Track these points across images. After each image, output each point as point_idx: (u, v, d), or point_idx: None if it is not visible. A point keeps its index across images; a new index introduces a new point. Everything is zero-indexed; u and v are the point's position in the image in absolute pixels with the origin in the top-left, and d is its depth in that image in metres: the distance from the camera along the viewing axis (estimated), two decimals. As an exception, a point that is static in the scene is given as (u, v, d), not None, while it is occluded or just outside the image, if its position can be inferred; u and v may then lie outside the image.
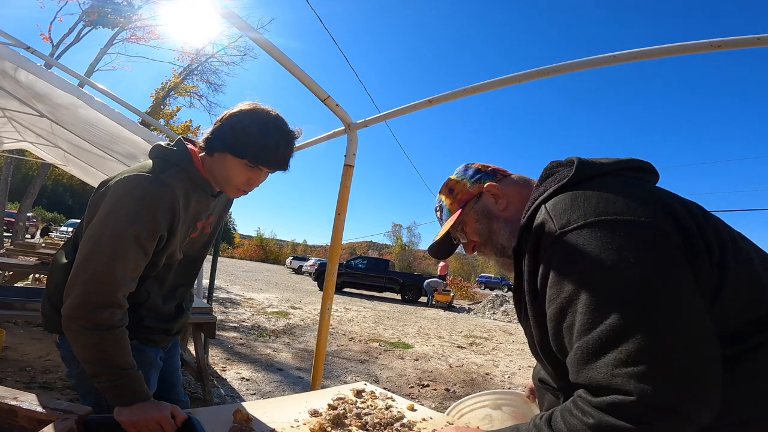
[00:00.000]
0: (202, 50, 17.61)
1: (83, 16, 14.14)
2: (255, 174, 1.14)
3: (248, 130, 1.08)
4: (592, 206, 0.71)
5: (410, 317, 10.74)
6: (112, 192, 1.02)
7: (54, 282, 1.14)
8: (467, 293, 19.87)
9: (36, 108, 3.99)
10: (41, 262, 5.35)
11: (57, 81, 2.75)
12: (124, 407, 0.93)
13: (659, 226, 0.68)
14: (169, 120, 18.08)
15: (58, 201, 45.56)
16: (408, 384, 4.45)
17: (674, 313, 0.61)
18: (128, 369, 0.97)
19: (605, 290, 0.64)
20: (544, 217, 0.75)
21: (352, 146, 2.05)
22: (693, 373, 0.58)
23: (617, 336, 0.61)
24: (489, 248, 0.98)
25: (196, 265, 1.35)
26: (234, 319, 6.86)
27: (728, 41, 1.23)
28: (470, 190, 0.99)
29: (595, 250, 0.66)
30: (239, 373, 4.02)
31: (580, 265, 0.67)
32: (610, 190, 0.73)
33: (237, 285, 12.74)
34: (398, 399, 1.33)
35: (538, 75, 1.48)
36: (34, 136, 5.83)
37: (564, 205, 0.74)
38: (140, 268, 1.05)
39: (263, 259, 38.49)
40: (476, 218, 0.97)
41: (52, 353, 3.51)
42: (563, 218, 0.72)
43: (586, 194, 0.73)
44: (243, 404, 1.06)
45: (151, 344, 1.21)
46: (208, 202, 1.22)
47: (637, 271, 0.63)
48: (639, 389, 0.58)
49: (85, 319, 0.94)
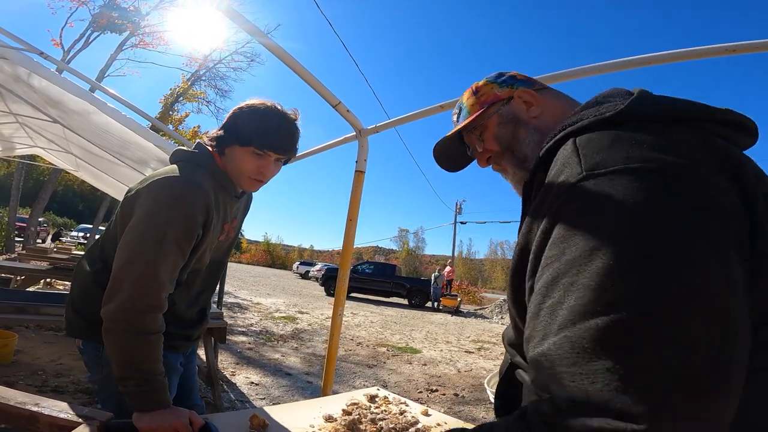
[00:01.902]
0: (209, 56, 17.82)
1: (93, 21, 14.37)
2: (264, 161, 1.14)
3: (250, 118, 1.12)
4: (640, 151, 0.50)
5: (417, 322, 10.69)
6: (147, 195, 1.03)
7: (78, 288, 1.15)
8: (474, 298, 19.76)
9: (49, 114, 4.05)
10: (53, 266, 5.40)
11: (70, 86, 2.78)
12: (144, 413, 0.93)
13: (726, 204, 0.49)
14: (178, 126, 18.28)
15: (69, 206, 46.11)
16: (416, 389, 4.41)
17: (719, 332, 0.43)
18: (157, 375, 0.97)
19: (626, 264, 0.44)
20: (569, 153, 0.56)
21: (363, 152, 2.04)
22: (717, 412, 0.41)
23: (633, 336, 0.42)
24: (507, 159, 0.81)
25: (220, 270, 1.36)
26: (242, 323, 6.87)
27: (746, 45, 1.22)
28: (498, 93, 0.82)
29: (627, 208, 0.47)
30: (248, 378, 4.02)
31: (604, 223, 0.48)
32: (671, 144, 0.51)
33: (245, 290, 12.77)
34: (412, 404, 1.32)
35: (548, 81, 1.48)
36: (45, 141, 5.91)
37: (600, 143, 0.54)
38: (178, 269, 1.06)
39: (270, 264, 38.61)
40: (499, 122, 0.81)
41: (64, 357, 3.53)
42: (595, 158, 0.52)
43: (635, 136, 0.53)
44: (259, 410, 1.06)
45: (172, 350, 1.21)
46: (232, 202, 1.23)
47: (682, 252, 0.44)
48: (652, 418, 0.39)
49: (129, 322, 0.95)
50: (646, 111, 0.57)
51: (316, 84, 1.67)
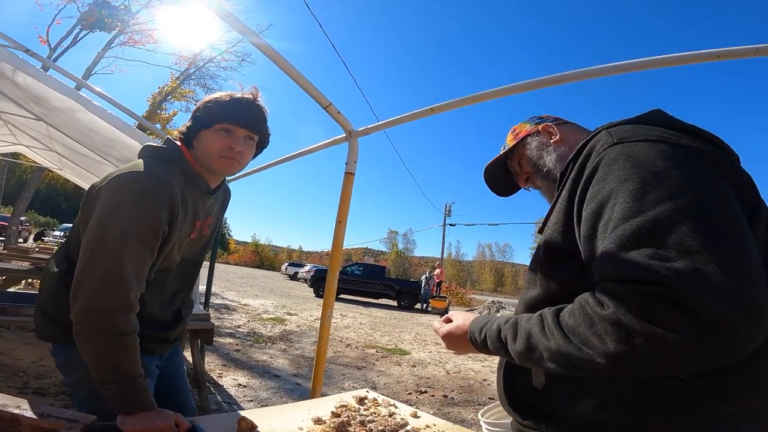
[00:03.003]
0: (200, 54, 17.62)
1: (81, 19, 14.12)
2: (233, 138, 1.13)
3: (211, 101, 1.14)
4: (656, 132, 0.68)
5: (407, 324, 10.70)
6: (107, 191, 0.99)
7: (46, 290, 1.11)
8: (463, 299, 19.86)
9: (33, 111, 3.97)
10: (35, 266, 5.28)
11: (55, 84, 2.73)
12: (128, 416, 0.91)
13: (722, 162, 0.65)
14: (166, 125, 18.01)
15: (52, 205, 45.17)
16: (406, 390, 4.42)
17: (733, 222, 0.55)
18: (137, 377, 0.94)
19: (654, 182, 0.58)
20: (603, 134, 0.72)
21: (353, 154, 2.02)
22: (746, 285, 0.49)
23: (661, 226, 0.54)
24: (537, 175, 1.03)
25: (195, 269, 1.33)
26: (229, 325, 6.80)
27: (732, 51, 1.24)
28: (529, 129, 1.07)
29: (652, 155, 0.62)
30: (236, 380, 3.98)
31: (630, 164, 0.62)
32: (680, 135, 0.68)
33: (232, 291, 12.65)
34: (401, 406, 1.32)
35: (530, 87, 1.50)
36: (29, 139, 5.79)
37: (627, 127, 0.71)
38: (147, 267, 1.02)
39: (258, 265, 38.28)
40: (530, 148, 1.04)
41: (45, 358, 3.45)
42: (623, 133, 0.69)
43: (654, 127, 0.70)
44: (247, 413, 1.05)
45: (147, 352, 1.16)
46: (204, 199, 1.20)
47: (695, 177, 0.59)
48: (678, 281, 0.49)
49: (98, 323, 0.92)
50: (660, 118, 0.75)
51: (307, 85, 1.66)
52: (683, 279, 0.50)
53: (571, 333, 0.59)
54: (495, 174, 1.16)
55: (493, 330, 0.76)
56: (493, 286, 55.60)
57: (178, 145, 1.15)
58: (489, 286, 55.55)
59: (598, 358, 0.55)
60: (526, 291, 0.82)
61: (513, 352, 0.69)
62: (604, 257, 0.58)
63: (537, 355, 0.64)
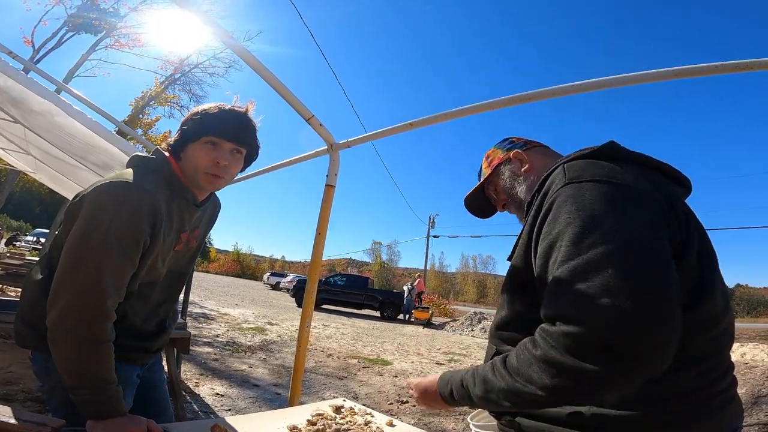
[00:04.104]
0: (186, 59, 17.48)
1: (68, 21, 13.89)
2: (219, 151, 1.12)
3: (200, 116, 1.13)
4: (604, 171, 0.75)
5: (389, 334, 10.66)
6: (91, 200, 0.99)
7: (28, 298, 1.10)
8: (446, 310, 19.89)
9: (10, 113, 3.87)
10: (5, 272, 5.12)
11: (35, 86, 2.68)
12: (98, 422, 0.90)
13: (659, 200, 0.73)
14: (148, 130, 17.73)
15: (26, 209, 43.69)
16: (387, 400, 4.40)
17: (652, 264, 0.62)
18: (110, 384, 0.94)
19: (592, 227, 0.66)
20: (559, 171, 0.80)
21: (334, 166, 2.02)
22: (654, 320, 0.58)
23: (591, 269, 0.62)
24: (512, 203, 1.10)
25: (182, 281, 1.32)
26: (208, 334, 6.67)
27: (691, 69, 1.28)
28: (501, 156, 1.12)
29: (594, 198, 0.70)
30: (213, 389, 3.90)
31: (577, 206, 0.70)
32: (626, 170, 0.77)
33: (212, 300, 12.41)
34: (377, 415, 1.33)
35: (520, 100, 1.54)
36: (5, 141, 5.63)
37: (579, 165, 0.78)
38: (127, 277, 1.02)
39: (240, 275, 37.67)
40: (502, 177, 1.10)
41: (13, 365, 3.34)
42: (575, 173, 0.76)
43: (602, 163, 0.78)
44: (221, 420, 1.04)
45: (127, 362, 1.16)
46: (191, 211, 1.20)
47: (627, 221, 0.66)
48: (592, 321, 0.58)
49: (73, 331, 0.91)
50: (611, 151, 0.84)
51: (290, 96, 1.68)
52: (602, 317, 0.58)
53: (516, 373, 0.68)
54: (475, 200, 1.22)
55: (456, 381, 0.85)
56: (476, 297, 55.80)
57: (167, 156, 1.15)
58: (472, 297, 55.71)
59: (540, 392, 0.64)
60: (498, 312, 0.92)
61: (474, 397, 0.78)
62: (547, 295, 0.68)
63: (494, 396, 0.73)
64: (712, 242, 0.82)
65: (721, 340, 0.76)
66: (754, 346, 6.33)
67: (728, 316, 0.78)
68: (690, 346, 0.70)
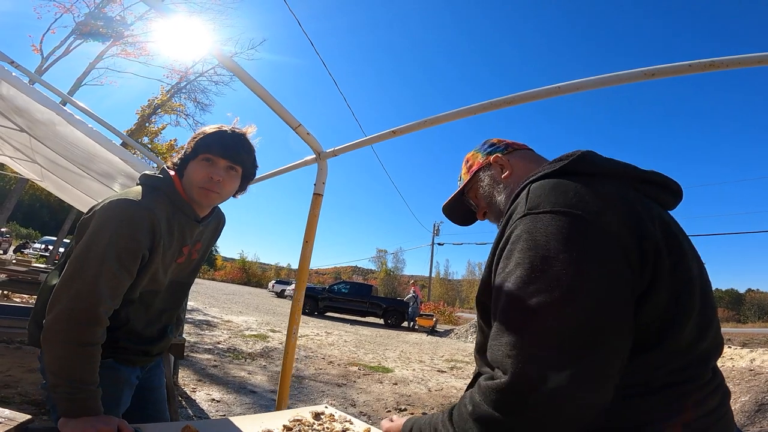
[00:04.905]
0: (191, 68, 17.72)
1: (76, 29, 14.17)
2: (214, 168, 1.20)
3: (199, 134, 1.23)
4: (565, 198, 0.70)
5: (392, 341, 10.63)
6: (98, 215, 1.09)
7: (42, 302, 1.19)
8: (450, 317, 19.78)
9: (15, 122, 3.96)
10: (9, 278, 5.19)
11: (36, 95, 2.75)
12: (70, 419, 0.95)
13: (623, 236, 0.67)
14: (154, 138, 17.97)
15: (35, 217, 44.29)
16: (385, 408, 4.38)
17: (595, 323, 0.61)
18: (88, 384, 0.99)
19: (540, 271, 0.64)
20: (522, 197, 0.76)
21: (322, 175, 2.03)
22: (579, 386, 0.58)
23: (528, 320, 0.62)
24: (491, 213, 1.05)
25: (184, 291, 1.40)
26: (209, 341, 6.70)
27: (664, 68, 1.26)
28: (481, 161, 1.07)
29: (548, 234, 0.66)
30: (210, 395, 3.92)
31: (527, 245, 0.67)
32: (595, 191, 0.71)
33: (216, 307, 12.46)
34: (356, 422, 1.33)
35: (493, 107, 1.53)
36: (12, 149, 5.74)
37: (542, 189, 0.73)
38: (123, 286, 1.10)
39: (245, 282, 37.78)
40: (482, 184, 1.05)
41: (13, 369, 3.40)
42: (535, 201, 0.72)
43: (567, 185, 0.72)
44: (194, 423, 1.06)
45: (127, 364, 1.25)
46: (192, 226, 1.27)
47: (575, 267, 0.62)
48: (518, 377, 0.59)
49: (64, 333, 0.99)
50: (583, 166, 0.78)
51: (276, 106, 1.71)
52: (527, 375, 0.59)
53: (459, 427, 0.69)
54: (455, 206, 1.17)
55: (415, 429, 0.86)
56: (482, 305, 55.34)
57: (171, 175, 1.24)
58: (478, 304, 55.29)
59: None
60: (476, 335, 0.92)
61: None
62: (490, 338, 0.68)
63: None
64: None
65: (698, 365, 0.71)
66: (764, 352, 6.24)
67: (706, 339, 0.72)
68: (657, 379, 0.68)
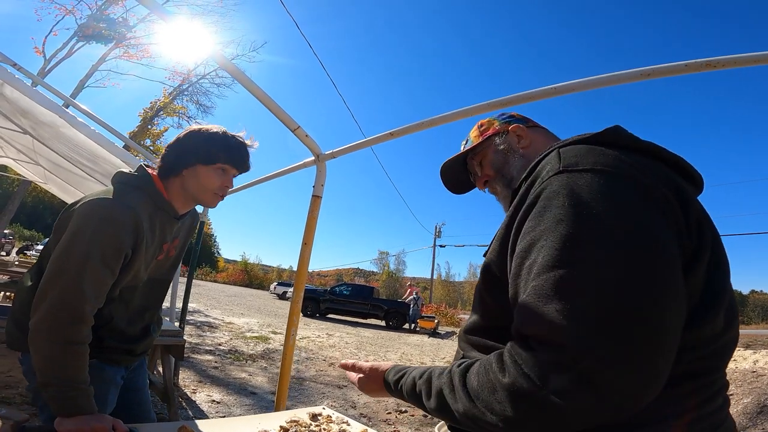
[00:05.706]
0: (194, 70, 17.80)
1: (78, 31, 14.24)
2: (227, 177, 1.26)
3: (212, 139, 1.22)
4: (608, 159, 0.63)
5: (393, 343, 10.62)
6: (77, 214, 1.09)
7: (19, 302, 1.19)
8: (452, 319, 19.75)
9: (19, 124, 3.99)
10: (11, 279, 5.23)
11: (39, 97, 2.78)
12: (66, 418, 0.96)
13: (671, 201, 0.61)
14: (156, 140, 18.04)
15: (38, 219, 44.42)
16: (385, 410, 4.37)
17: (658, 285, 0.52)
18: (79, 383, 1.00)
19: (587, 229, 0.55)
20: (552, 156, 0.68)
21: (321, 177, 2.03)
22: (647, 357, 0.50)
23: (580, 283, 0.53)
24: (498, 180, 0.96)
25: (163, 287, 1.40)
26: (210, 342, 6.71)
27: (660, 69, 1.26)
28: (497, 127, 0.99)
29: (593, 192, 0.58)
30: (210, 396, 3.93)
31: (570, 200, 0.58)
32: (633, 161, 0.64)
33: (217, 309, 12.48)
34: (354, 424, 1.34)
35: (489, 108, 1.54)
36: (15, 152, 5.78)
37: (577, 151, 0.66)
38: (107, 285, 1.10)
39: (247, 284, 37.74)
40: (495, 150, 0.97)
41: (14, 369, 3.42)
42: (571, 159, 0.64)
43: (603, 150, 0.66)
44: (190, 423, 1.06)
45: (112, 363, 1.24)
46: (171, 224, 1.29)
47: (632, 224, 0.55)
48: (574, 349, 0.49)
49: (51, 332, 0.99)
50: (617, 138, 0.71)
51: (275, 108, 1.72)
52: (588, 346, 0.49)
53: (476, 397, 0.59)
54: (453, 169, 1.08)
55: (408, 383, 0.79)
56: (484, 307, 55.15)
57: (149, 174, 1.24)
58: (480, 306, 55.06)
59: (500, 423, 0.55)
60: (470, 316, 0.82)
61: (428, 407, 0.71)
62: (520, 308, 0.58)
63: (449, 414, 0.66)
64: (726, 248, 0.69)
65: (716, 357, 0.65)
66: (767, 353, 6.21)
67: (731, 331, 0.66)
68: (678, 365, 0.58)
